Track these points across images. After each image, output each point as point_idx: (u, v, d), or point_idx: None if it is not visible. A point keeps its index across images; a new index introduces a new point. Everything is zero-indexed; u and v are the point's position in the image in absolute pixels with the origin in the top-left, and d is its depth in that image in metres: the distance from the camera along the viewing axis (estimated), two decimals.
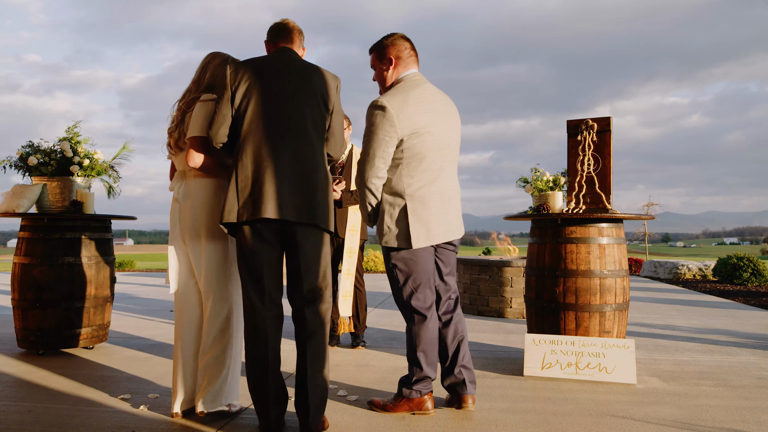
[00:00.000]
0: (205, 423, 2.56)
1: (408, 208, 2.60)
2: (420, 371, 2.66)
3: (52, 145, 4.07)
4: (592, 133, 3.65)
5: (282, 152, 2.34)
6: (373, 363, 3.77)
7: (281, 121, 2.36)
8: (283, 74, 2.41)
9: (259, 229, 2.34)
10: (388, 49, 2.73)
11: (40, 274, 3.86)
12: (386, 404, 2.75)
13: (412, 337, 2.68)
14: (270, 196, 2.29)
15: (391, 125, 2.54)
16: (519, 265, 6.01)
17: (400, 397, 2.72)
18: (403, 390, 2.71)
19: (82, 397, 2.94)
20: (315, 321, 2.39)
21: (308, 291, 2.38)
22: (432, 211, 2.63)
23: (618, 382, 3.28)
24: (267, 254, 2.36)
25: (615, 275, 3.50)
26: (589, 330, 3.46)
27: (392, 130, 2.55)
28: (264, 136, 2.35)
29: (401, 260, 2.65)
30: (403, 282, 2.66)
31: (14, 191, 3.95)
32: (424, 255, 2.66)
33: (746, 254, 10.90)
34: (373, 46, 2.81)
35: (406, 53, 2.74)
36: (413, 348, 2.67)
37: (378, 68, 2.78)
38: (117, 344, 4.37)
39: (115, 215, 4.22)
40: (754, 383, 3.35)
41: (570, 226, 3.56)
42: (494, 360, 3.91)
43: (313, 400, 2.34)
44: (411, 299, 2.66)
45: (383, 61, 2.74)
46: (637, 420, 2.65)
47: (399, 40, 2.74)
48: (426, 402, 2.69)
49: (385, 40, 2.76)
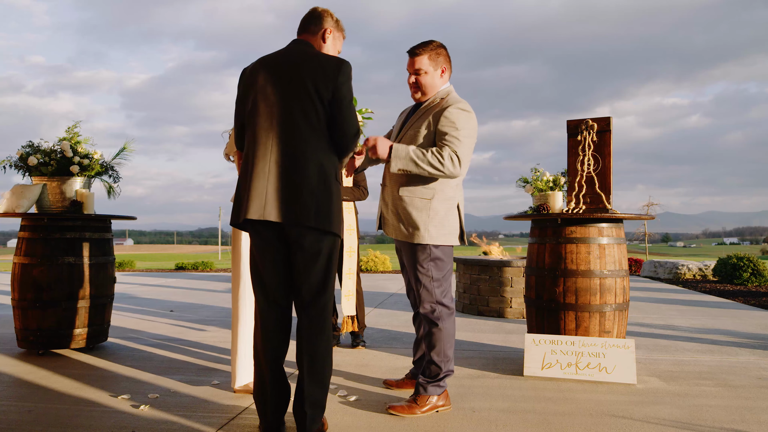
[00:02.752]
0: (205, 423, 2.56)
1: (459, 206, 2.82)
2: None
3: (52, 145, 4.07)
4: (592, 133, 3.65)
5: (269, 151, 2.26)
6: (373, 363, 3.78)
7: (269, 118, 2.28)
8: (275, 70, 2.32)
9: (259, 230, 2.32)
10: (445, 57, 2.79)
11: (40, 274, 3.86)
12: (411, 405, 2.72)
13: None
14: (255, 198, 2.23)
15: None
16: (519, 265, 6.01)
17: (425, 395, 2.73)
18: (429, 388, 2.74)
19: (82, 397, 2.94)
20: (311, 327, 2.31)
21: (304, 295, 2.32)
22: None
23: (618, 382, 3.28)
24: (269, 255, 2.33)
25: (615, 275, 3.50)
26: (589, 330, 3.46)
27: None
28: (254, 136, 2.30)
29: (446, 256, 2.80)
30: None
31: (14, 191, 3.95)
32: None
33: (746, 254, 10.90)
34: (422, 47, 2.77)
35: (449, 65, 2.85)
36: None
37: (429, 72, 2.76)
38: (117, 344, 4.38)
39: (115, 215, 4.22)
40: (754, 383, 3.35)
41: (570, 226, 3.56)
42: (494, 360, 3.91)
43: (308, 410, 2.28)
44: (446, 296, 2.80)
45: (438, 67, 2.78)
46: (637, 420, 2.65)
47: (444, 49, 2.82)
48: (445, 398, 2.78)
49: (440, 46, 2.79)
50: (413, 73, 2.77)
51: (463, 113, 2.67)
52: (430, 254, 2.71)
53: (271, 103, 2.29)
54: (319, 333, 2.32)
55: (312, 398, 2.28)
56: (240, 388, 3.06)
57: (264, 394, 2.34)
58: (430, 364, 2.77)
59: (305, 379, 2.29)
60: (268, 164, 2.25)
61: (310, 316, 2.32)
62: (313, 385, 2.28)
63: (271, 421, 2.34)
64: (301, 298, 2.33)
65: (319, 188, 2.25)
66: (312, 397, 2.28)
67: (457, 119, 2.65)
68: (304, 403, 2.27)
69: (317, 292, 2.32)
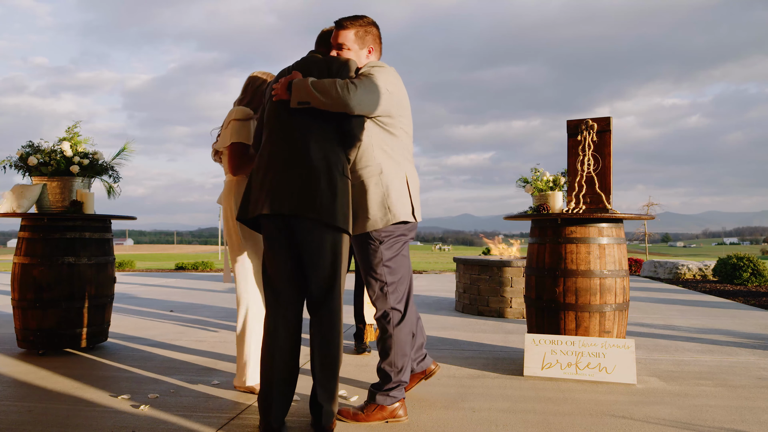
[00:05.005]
0: (205, 423, 2.56)
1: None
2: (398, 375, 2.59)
3: (52, 145, 4.07)
4: (592, 133, 3.65)
5: (281, 148, 2.36)
6: (374, 363, 3.77)
7: (281, 118, 2.41)
8: (288, 71, 2.51)
9: (266, 226, 2.38)
10: (375, 36, 2.61)
11: (40, 274, 3.86)
12: (357, 413, 2.60)
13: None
14: (265, 192, 2.32)
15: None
16: (519, 265, 6.01)
17: (373, 404, 2.59)
18: (377, 397, 2.58)
19: (82, 397, 2.94)
20: (323, 325, 2.35)
21: (314, 292, 2.36)
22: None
23: (618, 382, 3.28)
24: (276, 251, 2.37)
25: (615, 275, 3.50)
26: (589, 330, 3.46)
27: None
28: (268, 135, 2.44)
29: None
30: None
31: (14, 191, 3.95)
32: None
33: (746, 254, 10.90)
34: (350, 20, 2.58)
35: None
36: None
37: (353, 50, 2.59)
38: (117, 344, 4.37)
39: (115, 215, 4.22)
40: (754, 383, 3.35)
41: (570, 226, 3.56)
42: (494, 360, 3.90)
43: (323, 404, 2.36)
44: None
45: (365, 46, 2.60)
46: (637, 420, 2.65)
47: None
48: (399, 409, 2.60)
49: (371, 24, 2.60)
50: (335, 47, 2.57)
51: (376, 67, 2.49)
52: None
53: (284, 104, 2.40)
54: (332, 330, 2.35)
55: (327, 394, 2.35)
56: (241, 386, 3.05)
57: (268, 392, 2.35)
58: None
59: (318, 375, 2.35)
60: (281, 161, 2.33)
61: (321, 317, 2.36)
62: (326, 381, 2.35)
63: (272, 420, 2.35)
64: (311, 297, 2.37)
65: (323, 181, 2.28)
66: (326, 393, 2.35)
67: (370, 69, 2.46)
68: (318, 399, 2.35)
69: (326, 290, 2.33)
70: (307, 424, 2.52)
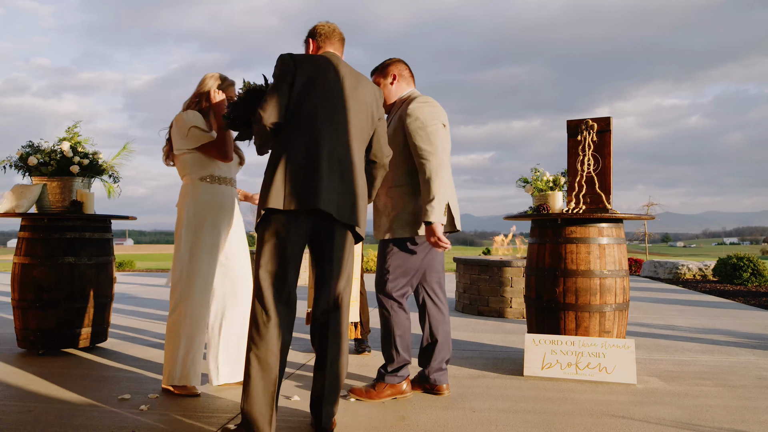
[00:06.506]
0: (205, 423, 2.56)
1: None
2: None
3: (52, 145, 4.07)
4: (592, 133, 3.65)
5: (332, 151, 2.33)
6: (374, 363, 3.77)
7: (333, 122, 2.36)
8: (339, 78, 2.43)
9: (296, 220, 2.27)
10: (395, 66, 3.04)
11: (40, 274, 3.86)
12: (369, 390, 2.92)
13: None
14: (319, 189, 2.25)
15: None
16: (519, 265, 6.01)
17: (382, 383, 2.92)
18: (385, 377, 2.92)
19: (82, 397, 2.94)
20: (336, 330, 2.37)
21: (335, 295, 2.37)
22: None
23: (618, 382, 3.28)
24: (296, 247, 2.29)
25: (615, 275, 3.50)
26: (589, 330, 3.46)
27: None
28: (317, 132, 2.31)
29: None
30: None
31: (14, 191, 3.95)
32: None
33: (746, 254, 10.90)
34: (373, 72, 3.08)
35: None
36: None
37: (381, 83, 3.04)
38: (117, 344, 4.37)
39: (115, 215, 4.22)
40: (754, 383, 3.35)
41: (570, 226, 3.56)
42: (494, 360, 3.91)
43: (327, 406, 2.37)
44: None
45: (388, 77, 3.03)
46: (637, 420, 2.65)
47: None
48: (404, 386, 2.96)
49: (389, 65, 3.06)
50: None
51: (423, 105, 2.87)
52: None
53: (337, 108, 2.39)
54: (343, 337, 2.41)
55: (332, 397, 2.38)
56: (223, 385, 3.16)
57: (258, 409, 2.21)
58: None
59: (327, 379, 2.35)
60: (333, 164, 2.33)
61: (337, 318, 2.38)
62: (333, 383, 2.37)
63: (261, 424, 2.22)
64: (331, 299, 2.38)
65: (365, 197, 2.49)
66: (332, 395, 2.38)
67: (419, 111, 2.85)
68: (323, 402, 2.35)
69: (341, 295, 2.40)
70: (307, 424, 2.52)
